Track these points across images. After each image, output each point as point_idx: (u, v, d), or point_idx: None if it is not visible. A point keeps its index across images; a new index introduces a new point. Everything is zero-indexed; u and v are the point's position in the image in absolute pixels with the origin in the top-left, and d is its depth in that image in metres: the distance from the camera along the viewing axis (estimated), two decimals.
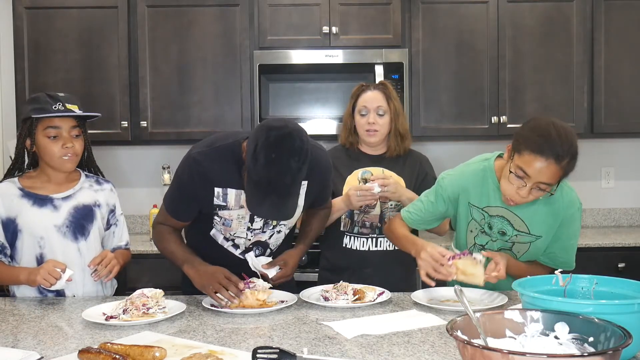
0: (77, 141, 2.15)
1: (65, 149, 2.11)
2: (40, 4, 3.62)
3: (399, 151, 2.49)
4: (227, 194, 2.01)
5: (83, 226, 2.18)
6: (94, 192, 2.24)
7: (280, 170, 1.75)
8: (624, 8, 3.64)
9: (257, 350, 1.37)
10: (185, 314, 1.85)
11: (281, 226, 2.13)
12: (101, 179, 2.30)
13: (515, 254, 2.10)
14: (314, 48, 3.57)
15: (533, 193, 1.88)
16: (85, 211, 2.19)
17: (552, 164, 1.81)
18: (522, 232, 2.06)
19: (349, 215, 2.43)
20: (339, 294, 1.96)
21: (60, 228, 2.14)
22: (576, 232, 2.10)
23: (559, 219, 2.04)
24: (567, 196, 2.04)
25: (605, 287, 1.54)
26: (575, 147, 1.85)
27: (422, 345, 1.52)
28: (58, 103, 2.10)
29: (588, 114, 3.66)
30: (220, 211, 2.04)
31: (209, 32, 3.61)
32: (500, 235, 2.09)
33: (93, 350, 1.40)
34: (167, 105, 3.60)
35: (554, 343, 1.19)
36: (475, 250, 2.12)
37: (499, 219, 2.07)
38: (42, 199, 2.15)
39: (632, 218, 4.08)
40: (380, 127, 2.43)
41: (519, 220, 2.05)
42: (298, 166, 1.77)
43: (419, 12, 3.64)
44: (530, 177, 1.85)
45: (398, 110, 2.47)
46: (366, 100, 2.44)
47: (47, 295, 2.14)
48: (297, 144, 1.77)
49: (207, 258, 2.08)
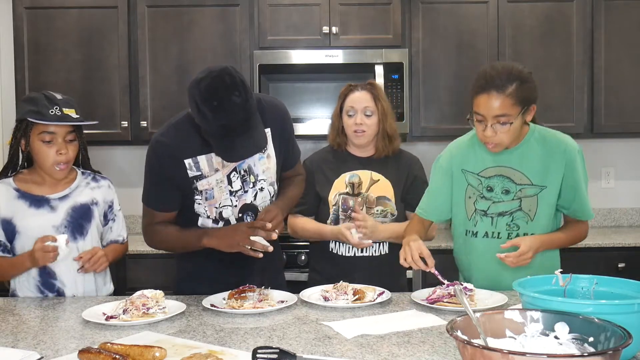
0: (71, 146, 2.14)
1: (59, 156, 2.10)
2: (40, 4, 3.62)
3: (387, 152, 2.46)
4: (197, 162, 2.03)
5: (81, 225, 2.18)
6: (91, 190, 2.23)
7: (230, 112, 1.79)
8: (624, 8, 3.64)
9: (257, 350, 1.36)
10: (185, 314, 1.85)
11: (261, 182, 2.12)
12: (98, 176, 2.29)
13: (527, 213, 2.09)
14: (314, 48, 3.57)
15: (497, 129, 1.97)
16: (82, 210, 2.19)
17: (494, 95, 1.94)
18: (525, 185, 2.07)
19: (334, 220, 2.41)
20: (339, 294, 1.96)
21: (59, 229, 2.14)
22: (583, 176, 2.11)
23: (561, 166, 2.06)
24: (563, 141, 2.09)
25: (605, 287, 1.54)
26: (518, 73, 1.95)
27: (422, 345, 1.52)
28: (55, 107, 2.08)
29: (588, 114, 3.66)
30: (198, 183, 2.05)
31: (209, 32, 3.61)
32: (504, 194, 2.09)
33: (93, 350, 1.40)
34: (167, 105, 3.60)
35: (554, 343, 1.19)
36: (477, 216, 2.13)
37: (498, 178, 2.09)
38: (38, 200, 2.14)
39: (632, 218, 4.08)
40: (367, 127, 2.40)
41: (519, 174, 2.07)
42: (243, 98, 1.80)
43: (419, 12, 3.64)
44: (485, 116, 1.97)
45: (386, 110, 2.44)
46: (354, 100, 2.42)
47: (47, 295, 2.14)
48: (228, 81, 1.80)
49: (204, 254, 2.09)
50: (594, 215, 2.14)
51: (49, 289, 2.14)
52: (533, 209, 2.08)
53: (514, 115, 1.96)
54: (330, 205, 2.41)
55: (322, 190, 2.42)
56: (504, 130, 1.97)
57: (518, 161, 2.08)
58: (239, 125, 1.82)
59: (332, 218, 2.40)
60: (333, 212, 2.40)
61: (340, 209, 2.40)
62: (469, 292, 1.91)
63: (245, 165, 2.09)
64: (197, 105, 1.82)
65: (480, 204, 2.13)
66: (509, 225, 2.10)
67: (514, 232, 2.10)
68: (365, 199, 2.40)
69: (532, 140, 2.10)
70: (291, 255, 3.28)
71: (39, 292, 2.15)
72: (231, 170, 2.07)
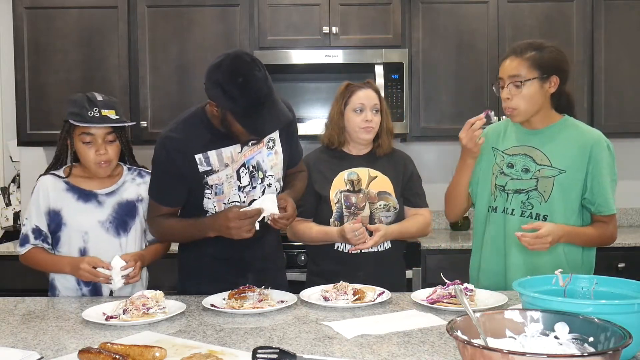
0: (111, 147, 2.17)
1: (99, 156, 2.14)
2: (40, 4, 3.62)
3: (388, 150, 2.49)
4: (208, 157, 2.07)
5: (125, 222, 2.21)
6: (137, 186, 2.27)
7: (255, 86, 1.86)
8: (624, 8, 3.65)
9: (257, 350, 1.36)
10: (185, 314, 1.85)
11: (269, 178, 2.15)
12: (144, 171, 2.32)
13: (542, 193, 2.13)
14: (314, 48, 3.57)
15: (512, 92, 2.09)
16: (128, 207, 2.22)
17: (511, 58, 2.10)
18: (544, 166, 2.13)
19: (338, 217, 2.41)
20: (339, 294, 1.96)
21: (104, 224, 2.18)
22: (609, 172, 2.12)
23: (585, 155, 2.10)
24: (593, 132, 2.16)
25: (605, 287, 1.54)
26: (539, 44, 2.12)
27: (422, 345, 1.52)
28: (94, 109, 2.12)
29: (588, 114, 3.66)
30: (209, 178, 2.07)
31: (209, 32, 3.61)
32: (524, 172, 2.15)
33: (93, 350, 1.40)
34: (167, 105, 3.60)
35: (554, 343, 1.19)
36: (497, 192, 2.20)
37: (520, 157, 2.17)
38: (86, 194, 2.19)
39: (632, 218, 4.08)
40: (375, 124, 2.44)
41: (541, 154, 2.14)
42: (263, 74, 1.90)
43: (419, 12, 3.64)
44: (503, 78, 2.12)
45: (386, 108, 2.51)
46: (361, 98, 2.43)
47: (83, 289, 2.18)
48: (247, 59, 1.90)
49: (205, 253, 2.11)
50: (615, 209, 2.15)
51: (87, 283, 2.16)
52: (548, 190, 2.13)
53: (529, 77, 2.06)
54: (332, 204, 2.41)
55: (321, 189, 2.42)
56: (518, 93, 2.08)
57: (542, 142, 2.16)
58: (265, 98, 1.88)
59: (335, 216, 2.40)
60: (336, 209, 2.40)
61: (343, 206, 2.40)
62: (469, 292, 1.91)
63: (253, 161, 2.11)
64: (221, 87, 1.86)
65: (499, 179, 2.20)
66: (524, 203, 2.15)
67: (527, 210, 2.15)
68: (367, 194, 2.41)
69: (562, 126, 2.17)
70: (291, 255, 3.28)
71: (77, 284, 2.17)
72: (240, 166, 2.09)
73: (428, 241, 3.37)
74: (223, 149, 2.07)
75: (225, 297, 1.97)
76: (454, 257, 3.32)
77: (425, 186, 2.60)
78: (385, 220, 2.40)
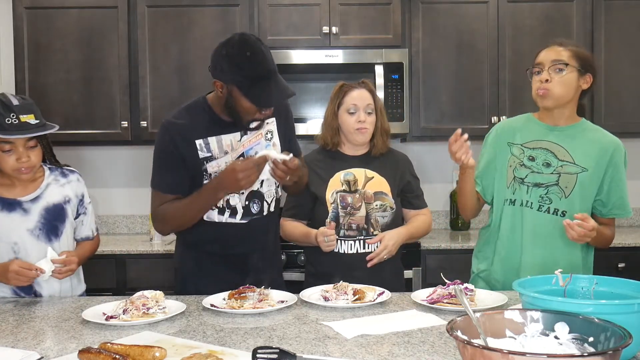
0: (33, 152, 2.06)
1: (21, 163, 2.04)
2: (40, 4, 3.62)
3: (384, 149, 2.49)
4: (208, 143, 2.10)
5: (56, 227, 2.15)
6: (61, 187, 2.19)
7: (263, 58, 1.96)
8: (624, 8, 3.64)
9: (257, 350, 1.36)
10: (185, 314, 1.85)
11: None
12: (66, 170, 2.23)
13: (563, 189, 2.15)
14: (314, 48, 3.57)
15: (552, 75, 2.13)
16: (56, 211, 2.15)
17: (554, 47, 2.17)
18: (567, 162, 2.16)
19: (333, 217, 2.41)
20: (339, 294, 1.96)
21: (33, 231, 2.10)
22: (625, 178, 2.21)
23: (606, 157, 2.16)
24: (613, 137, 2.22)
25: (605, 287, 1.54)
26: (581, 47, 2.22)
27: (422, 345, 1.52)
28: (11, 115, 1.98)
29: (588, 114, 3.63)
30: (208, 165, 2.09)
31: (209, 32, 3.61)
32: (545, 166, 2.17)
33: (93, 350, 1.40)
34: (167, 105, 3.60)
35: (554, 343, 1.19)
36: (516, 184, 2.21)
37: (542, 151, 2.19)
38: (10, 203, 2.10)
39: (632, 218, 4.08)
40: (369, 125, 2.42)
41: (563, 150, 2.17)
42: (268, 51, 2.00)
43: (419, 12, 3.64)
44: (543, 63, 2.15)
45: (382, 108, 2.49)
46: (355, 98, 2.42)
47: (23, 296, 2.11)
48: (254, 37, 2.00)
49: (204, 252, 2.12)
50: (632, 212, 2.24)
51: (26, 291, 2.12)
52: (570, 186, 2.15)
53: (571, 64, 2.12)
54: (328, 204, 2.40)
55: (317, 189, 2.42)
56: (558, 77, 2.12)
57: (565, 140, 2.18)
58: (271, 73, 1.98)
59: (331, 216, 2.40)
60: (332, 209, 2.40)
61: (339, 206, 2.40)
62: (469, 292, 1.91)
63: (252, 152, 2.13)
64: (229, 59, 1.95)
65: (519, 172, 2.21)
66: (542, 197, 2.17)
67: (545, 205, 2.17)
68: (363, 195, 2.40)
69: (583, 126, 2.22)
70: (291, 255, 3.29)
71: (14, 294, 2.12)
72: (239, 156, 2.11)
73: (428, 241, 3.37)
74: (223, 136, 2.11)
75: (225, 297, 1.97)
76: (454, 257, 3.32)
77: (424, 186, 2.60)
78: (381, 220, 2.40)
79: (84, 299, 2.12)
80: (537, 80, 2.17)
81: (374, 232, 2.39)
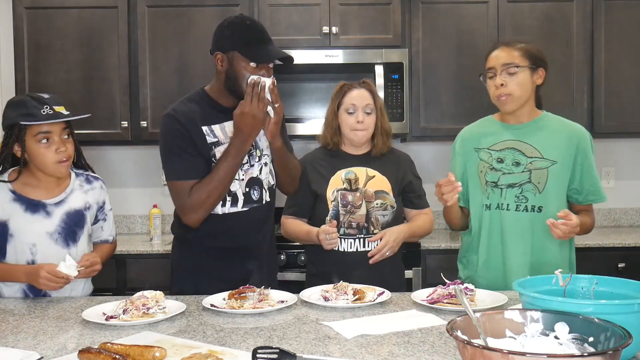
0: (68, 143, 2.12)
1: (60, 154, 2.08)
2: (40, 4, 3.62)
3: (384, 149, 2.48)
4: (212, 129, 2.16)
5: (74, 232, 2.16)
6: (85, 194, 2.21)
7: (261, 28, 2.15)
8: (624, 8, 3.65)
9: (257, 350, 1.36)
10: (185, 314, 1.85)
11: (265, 157, 2.24)
12: (91, 177, 2.26)
13: (536, 185, 2.17)
14: (314, 48, 3.57)
15: (506, 79, 2.15)
16: (77, 217, 2.17)
17: (502, 48, 2.19)
18: (535, 158, 2.18)
19: (334, 215, 2.41)
20: (339, 294, 1.96)
21: (52, 235, 2.12)
22: (594, 164, 2.24)
23: (573, 146, 2.18)
24: (576, 125, 2.25)
25: (605, 287, 1.54)
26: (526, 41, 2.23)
27: (422, 345, 1.52)
28: (45, 106, 2.05)
29: (588, 114, 3.66)
30: (216, 149, 2.14)
31: (209, 32, 3.54)
32: (515, 166, 2.19)
33: (93, 350, 1.40)
34: (167, 105, 3.53)
35: (554, 343, 1.19)
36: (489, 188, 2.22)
37: (509, 151, 2.20)
38: (34, 204, 2.11)
39: (632, 218, 4.08)
40: (368, 125, 2.42)
41: (530, 147, 2.18)
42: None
43: (419, 12, 3.64)
44: (495, 67, 2.18)
45: (382, 108, 2.49)
46: (354, 98, 2.43)
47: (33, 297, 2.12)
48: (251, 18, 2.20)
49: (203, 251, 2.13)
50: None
51: (36, 292, 2.12)
52: (542, 181, 2.17)
53: (522, 65, 2.14)
54: (329, 202, 2.41)
55: (318, 187, 2.42)
56: (512, 80, 2.15)
57: (529, 136, 2.20)
58: (270, 39, 2.14)
59: (331, 214, 2.41)
60: (333, 207, 2.40)
61: (340, 204, 2.40)
62: (469, 292, 1.91)
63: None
64: (231, 27, 2.12)
65: (490, 176, 2.22)
66: (518, 197, 2.19)
67: (522, 204, 2.19)
68: (364, 193, 2.41)
69: (545, 119, 2.24)
70: (291, 255, 3.29)
71: (24, 295, 2.12)
72: None
73: (428, 241, 3.37)
74: (226, 123, 2.16)
75: (225, 297, 1.97)
76: (454, 257, 3.30)
77: (425, 186, 2.60)
78: (382, 219, 2.40)
79: (84, 299, 2.12)
80: (492, 85, 2.20)
81: (374, 230, 2.39)
